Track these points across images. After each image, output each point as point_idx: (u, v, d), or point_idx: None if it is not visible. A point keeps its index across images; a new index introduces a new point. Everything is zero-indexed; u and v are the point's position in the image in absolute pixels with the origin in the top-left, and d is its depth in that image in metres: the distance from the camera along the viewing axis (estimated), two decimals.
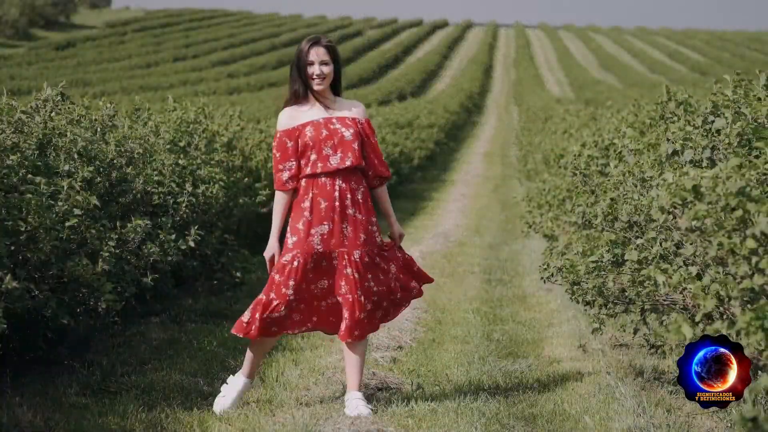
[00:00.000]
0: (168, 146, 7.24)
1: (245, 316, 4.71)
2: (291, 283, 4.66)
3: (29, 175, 4.89)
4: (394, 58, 73.11)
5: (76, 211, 4.94)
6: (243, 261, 7.90)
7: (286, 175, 4.74)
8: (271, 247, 4.75)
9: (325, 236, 4.70)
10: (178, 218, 6.55)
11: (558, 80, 67.81)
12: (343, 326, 4.74)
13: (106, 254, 5.09)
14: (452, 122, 37.39)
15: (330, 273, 4.74)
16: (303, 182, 4.75)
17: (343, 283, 4.72)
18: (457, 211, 17.20)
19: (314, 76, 4.78)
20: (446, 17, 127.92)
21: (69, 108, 6.09)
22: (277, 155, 4.76)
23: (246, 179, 9.14)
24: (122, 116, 7.20)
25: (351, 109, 4.90)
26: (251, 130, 11.45)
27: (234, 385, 4.85)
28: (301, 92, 4.80)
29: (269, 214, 10.29)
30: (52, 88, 5.96)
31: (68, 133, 5.63)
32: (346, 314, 4.74)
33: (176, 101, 8.43)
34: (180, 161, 7.00)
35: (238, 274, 7.77)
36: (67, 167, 5.40)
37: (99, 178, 5.78)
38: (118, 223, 5.60)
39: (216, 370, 5.52)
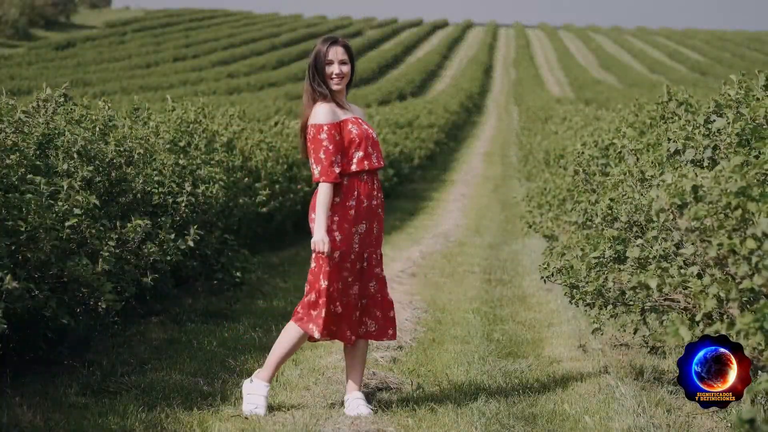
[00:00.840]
0: (168, 146, 7.24)
1: (313, 314, 4.72)
2: (339, 282, 4.70)
3: (29, 175, 4.89)
4: (394, 58, 73.09)
5: (76, 211, 4.94)
6: (243, 261, 7.89)
7: (337, 168, 4.68)
8: (323, 238, 4.62)
9: (362, 235, 4.74)
10: (177, 218, 6.54)
11: (558, 80, 67.79)
12: (374, 327, 4.80)
13: (106, 254, 5.09)
14: (452, 122, 37.37)
15: (360, 276, 4.77)
16: (346, 180, 4.72)
17: (373, 283, 4.78)
18: (457, 211, 17.20)
19: (333, 76, 4.77)
20: (446, 17, 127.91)
21: (71, 108, 6.09)
22: (330, 147, 4.66)
23: (246, 179, 9.14)
24: (122, 116, 7.20)
25: (359, 110, 4.95)
26: (251, 130, 11.45)
27: (260, 392, 4.79)
28: (327, 93, 4.76)
29: (269, 214, 10.34)
30: (52, 88, 5.95)
31: (67, 133, 5.63)
32: (378, 313, 4.79)
33: (175, 101, 8.42)
34: (180, 161, 7.00)
35: (238, 274, 7.76)
36: (66, 167, 5.39)
37: (98, 178, 5.78)
38: (118, 223, 5.59)
39: (216, 370, 5.51)
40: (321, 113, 4.71)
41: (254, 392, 4.78)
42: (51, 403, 4.68)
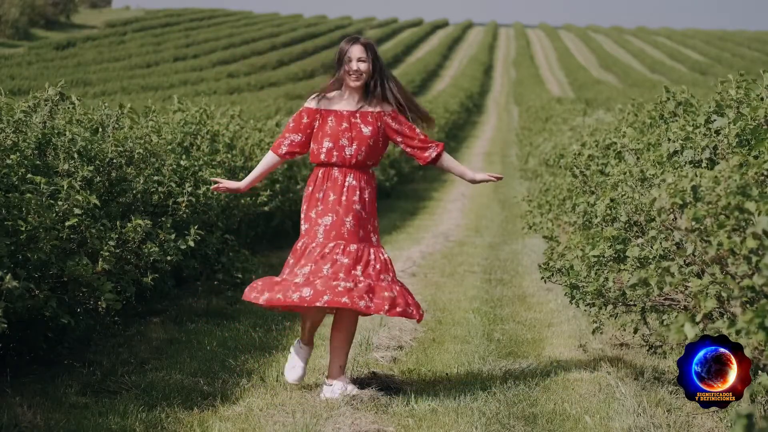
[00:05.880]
0: (170, 147, 7.24)
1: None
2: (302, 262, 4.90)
3: (29, 175, 4.89)
4: (394, 58, 73.10)
5: (76, 211, 4.94)
6: (243, 261, 7.90)
7: (285, 148, 5.08)
8: (236, 183, 5.18)
9: (328, 227, 4.92)
10: (178, 218, 6.54)
11: (558, 80, 67.80)
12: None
13: (106, 254, 5.09)
14: (452, 122, 37.37)
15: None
16: (320, 172, 5.02)
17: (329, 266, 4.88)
18: (457, 211, 17.20)
19: (351, 72, 5.03)
20: (446, 17, 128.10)
21: (68, 108, 6.09)
22: (291, 125, 5.07)
23: None
24: (124, 117, 7.20)
25: (378, 106, 5.09)
26: (250, 129, 11.45)
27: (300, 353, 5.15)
28: (338, 86, 5.08)
29: (270, 213, 10.34)
30: (53, 88, 5.96)
31: (67, 132, 5.63)
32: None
33: (181, 102, 8.43)
34: (182, 162, 7.01)
35: (239, 275, 7.77)
36: (66, 167, 5.39)
37: (99, 178, 5.78)
38: (118, 223, 5.60)
39: (216, 370, 5.51)
40: (309, 98, 5.10)
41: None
42: (51, 403, 4.68)
